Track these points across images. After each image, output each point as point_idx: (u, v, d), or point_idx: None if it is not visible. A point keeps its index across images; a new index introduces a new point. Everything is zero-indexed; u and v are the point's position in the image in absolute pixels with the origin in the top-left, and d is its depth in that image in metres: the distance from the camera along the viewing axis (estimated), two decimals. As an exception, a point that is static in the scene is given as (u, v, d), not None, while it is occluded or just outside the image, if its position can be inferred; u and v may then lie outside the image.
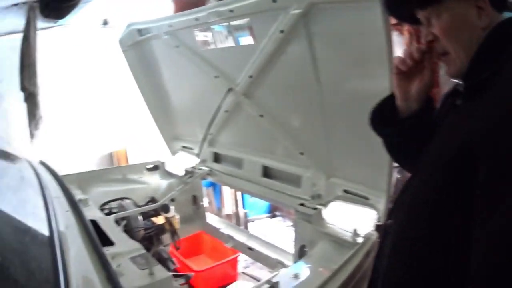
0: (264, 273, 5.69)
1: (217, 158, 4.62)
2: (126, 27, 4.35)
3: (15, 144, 5.75)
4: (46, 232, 2.21)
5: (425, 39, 1.57)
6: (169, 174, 5.06)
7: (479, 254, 1.22)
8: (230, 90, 3.70)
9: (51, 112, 6.46)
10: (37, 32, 5.49)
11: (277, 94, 3.42)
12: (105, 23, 6.85)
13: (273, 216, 8.20)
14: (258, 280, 5.60)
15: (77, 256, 2.14)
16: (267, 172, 3.96)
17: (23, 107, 5.63)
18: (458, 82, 1.60)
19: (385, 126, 1.82)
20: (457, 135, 1.42)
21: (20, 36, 5.48)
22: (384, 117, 1.81)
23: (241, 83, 3.55)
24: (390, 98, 1.79)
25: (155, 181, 4.93)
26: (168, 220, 4.06)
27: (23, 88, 5.39)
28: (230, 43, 3.37)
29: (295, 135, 3.46)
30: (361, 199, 3.08)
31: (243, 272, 5.97)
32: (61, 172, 3.68)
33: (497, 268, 1.15)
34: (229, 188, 7.14)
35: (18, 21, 5.67)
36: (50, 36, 6.40)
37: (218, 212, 7.23)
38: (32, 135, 5.62)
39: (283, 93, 3.36)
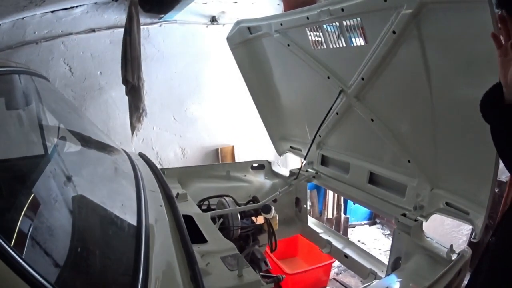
0: (355, 281, 5.69)
1: (324, 161, 4.57)
2: (235, 24, 4.38)
3: (115, 136, 5.95)
4: (133, 224, 2.24)
5: None
6: (274, 174, 5.04)
7: None
8: (341, 91, 3.63)
9: (157, 106, 6.72)
10: (141, 27, 5.67)
11: (388, 98, 3.34)
12: (213, 20, 6.94)
13: (373, 223, 8.18)
14: (347, 288, 5.57)
15: (162, 251, 2.16)
16: (373, 179, 3.88)
17: (124, 99, 5.84)
18: None
19: (491, 112, 1.71)
20: None
21: (120, 30, 5.69)
22: (492, 102, 1.70)
23: (353, 85, 3.49)
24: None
25: (259, 180, 4.91)
26: (267, 221, 4.02)
27: (125, 81, 5.54)
28: (341, 43, 3.33)
29: (404, 142, 3.37)
30: (461, 213, 2.96)
31: (334, 278, 5.96)
32: (162, 165, 3.74)
33: None
34: (333, 192, 7.12)
35: (118, 16, 6.02)
36: (159, 31, 6.65)
37: (320, 216, 7.22)
38: (133, 128, 5.77)
39: (395, 97, 3.28)
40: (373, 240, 7.42)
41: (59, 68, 6.06)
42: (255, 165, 5.04)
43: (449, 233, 5.59)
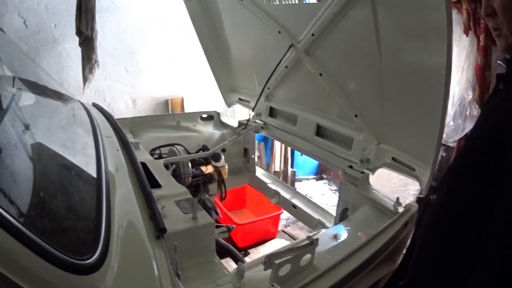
0: (303, 234, 5.79)
1: (272, 112, 4.63)
2: (189, -23, 4.35)
3: (68, 88, 5.84)
4: (94, 168, 2.26)
5: (484, 11, 1.54)
6: (223, 125, 5.09)
7: (497, 233, 1.25)
8: (291, 46, 3.67)
9: (109, 58, 6.62)
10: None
11: (337, 55, 3.38)
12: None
13: (320, 178, 8.28)
14: (295, 240, 5.65)
15: (123, 194, 2.20)
16: (320, 131, 3.95)
17: (77, 51, 5.69)
18: (503, 65, 1.57)
19: None
20: (491, 117, 1.43)
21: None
22: None
23: (303, 40, 3.52)
24: None
25: (209, 131, 4.96)
26: (217, 169, 4.08)
27: (79, 32, 5.41)
28: (294, 0, 3.35)
29: (351, 97, 3.43)
30: (407, 169, 3.06)
31: (282, 231, 6.08)
32: (114, 116, 3.73)
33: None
34: (280, 145, 7.21)
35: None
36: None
37: (267, 169, 7.28)
38: (85, 79, 5.68)
39: (344, 54, 3.31)
40: (320, 195, 7.53)
41: (13, 22, 5.85)
42: (204, 115, 5.06)
43: (396, 191, 5.68)
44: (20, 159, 1.92)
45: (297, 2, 3.35)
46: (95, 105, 4.02)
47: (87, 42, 5.43)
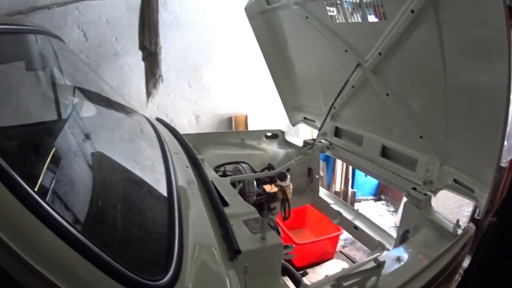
0: (360, 255, 5.73)
1: (337, 132, 4.61)
2: (253, -5, 4.38)
3: (130, 101, 5.92)
4: (164, 185, 2.28)
5: None
6: (287, 144, 5.09)
7: None
8: (358, 65, 3.66)
9: (173, 73, 6.69)
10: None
11: (404, 75, 3.36)
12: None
13: (378, 199, 8.23)
14: (353, 261, 5.61)
15: (195, 212, 2.22)
16: (385, 152, 3.93)
17: (139, 65, 5.78)
18: None
19: None
20: None
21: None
22: None
23: (370, 59, 3.51)
24: None
25: (273, 149, 4.96)
26: (282, 189, 4.05)
27: (142, 47, 5.47)
28: (360, 19, 3.35)
29: (417, 117, 3.40)
30: (467, 191, 3.02)
31: (340, 251, 6.02)
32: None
33: None
34: (342, 165, 7.22)
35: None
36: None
37: (328, 188, 7.27)
38: (149, 94, 5.73)
39: (410, 74, 3.29)
40: (378, 216, 7.48)
41: (73, 34, 5.97)
42: (268, 134, 5.08)
43: (451, 213, 5.62)
44: (87, 173, 1.96)
45: (361, 20, 3.35)
46: (159, 120, 4.08)
47: (150, 57, 5.49)
